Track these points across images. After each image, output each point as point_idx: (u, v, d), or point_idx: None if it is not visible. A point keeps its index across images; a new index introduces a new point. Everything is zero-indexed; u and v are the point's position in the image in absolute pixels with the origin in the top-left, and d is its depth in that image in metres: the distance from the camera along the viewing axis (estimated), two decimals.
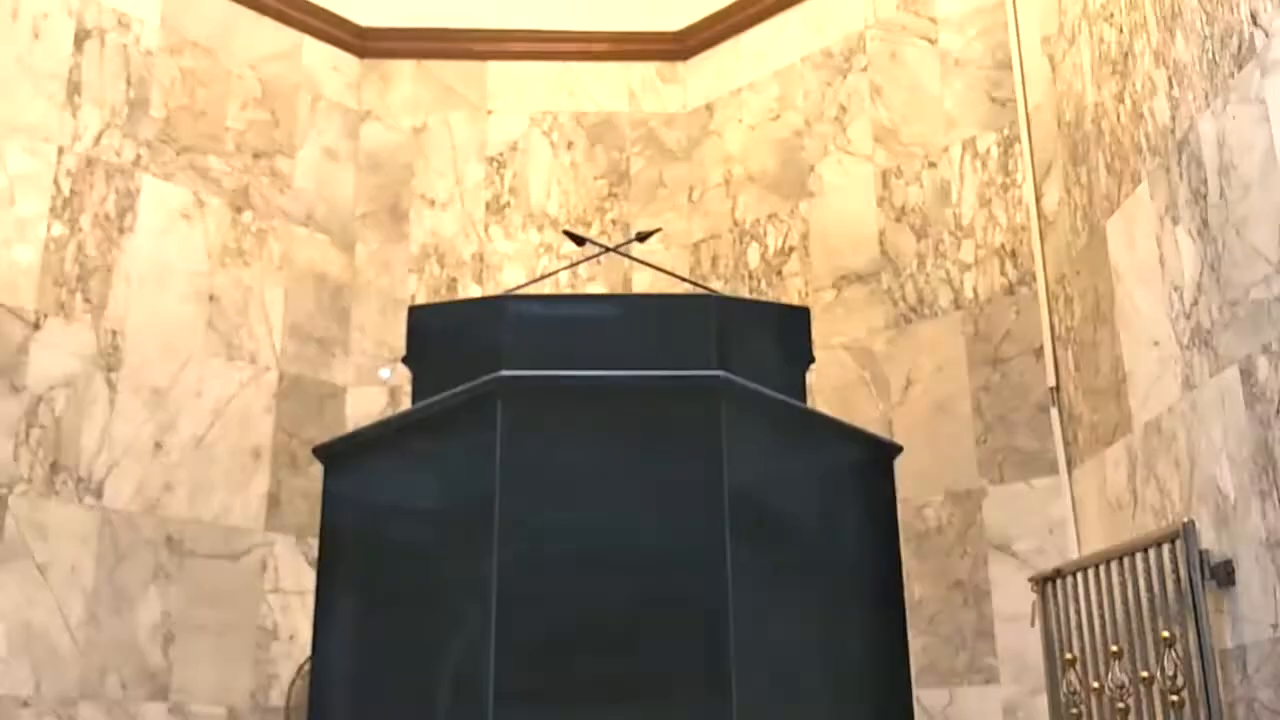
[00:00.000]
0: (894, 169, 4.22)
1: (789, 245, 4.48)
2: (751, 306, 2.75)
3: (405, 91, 4.94)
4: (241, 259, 4.35)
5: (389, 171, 4.86)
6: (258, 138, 4.51)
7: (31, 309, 3.75)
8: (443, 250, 4.77)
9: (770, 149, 4.64)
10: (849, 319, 4.22)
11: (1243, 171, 2.49)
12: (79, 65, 4.03)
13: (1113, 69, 3.18)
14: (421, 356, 2.47)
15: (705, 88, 4.96)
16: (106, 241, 3.98)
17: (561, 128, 4.95)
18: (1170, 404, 2.83)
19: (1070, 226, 3.52)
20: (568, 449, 2.08)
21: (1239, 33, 2.50)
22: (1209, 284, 2.63)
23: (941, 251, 4.02)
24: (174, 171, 4.22)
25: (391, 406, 4.54)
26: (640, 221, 4.85)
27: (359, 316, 4.67)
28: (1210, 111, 2.62)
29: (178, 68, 4.31)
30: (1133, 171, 3.05)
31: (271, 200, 4.50)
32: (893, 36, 4.33)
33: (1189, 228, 2.73)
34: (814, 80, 4.55)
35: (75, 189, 3.94)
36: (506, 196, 4.86)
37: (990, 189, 3.95)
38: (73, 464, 3.76)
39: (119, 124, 4.10)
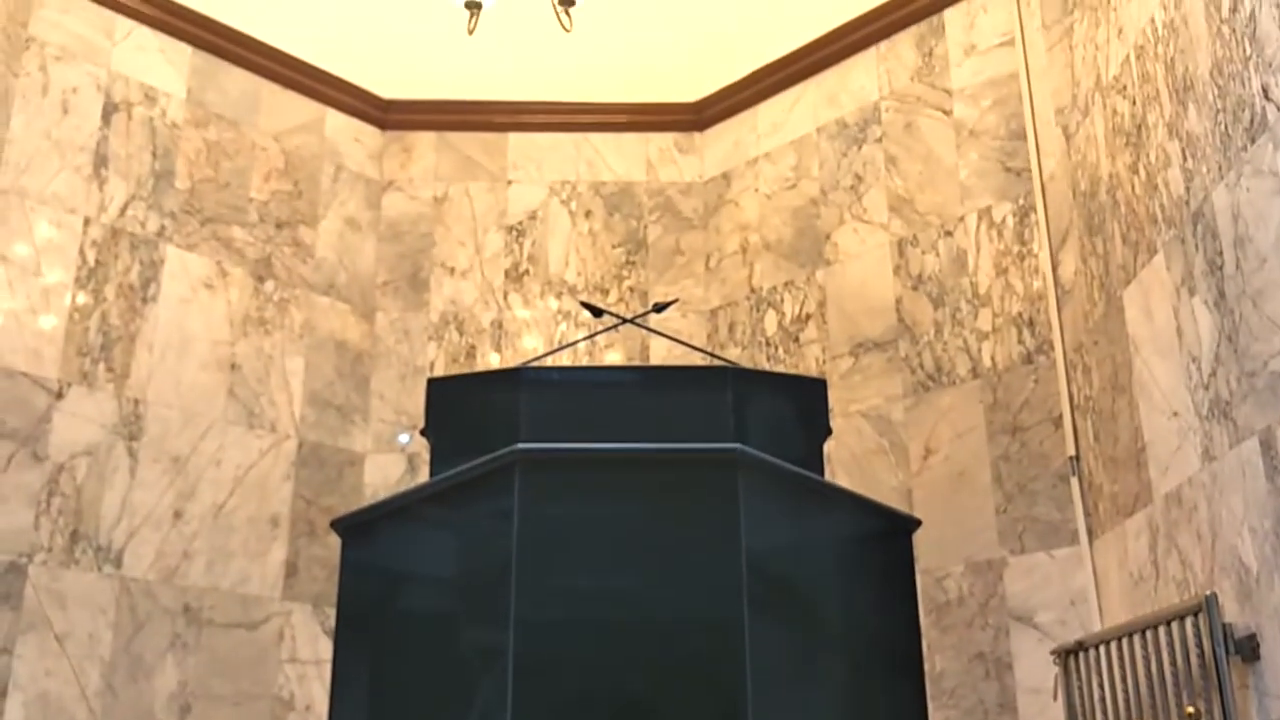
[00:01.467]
0: (910, 237, 4.25)
1: (806, 313, 4.50)
2: (769, 378, 2.77)
3: (427, 162, 5.02)
4: (263, 328, 4.40)
5: (410, 240, 4.92)
6: (281, 208, 4.58)
7: (55, 378, 3.79)
8: (462, 318, 4.81)
9: (786, 217, 4.68)
10: (867, 387, 4.22)
11: (1258, 244, 2.50)
12: (106, 138, 4.11)
13: (1126, 140, 3.20)
14: (440, 428, 2.49)
15: (722, 157, 5.02)
16: (130, 311, 4.04)
17: (580, 197, 5.01)
18: (1190, 475, 2.81)
19: (1087, 296, 3.53)
20: (585, 521, 2.09)
21: (1251, 106, 2.52)
22: (1227, 355, 2.63)
23: (959, 320, 4.03)
24: (197, 242, 4.28)
25: (410, 473, 4.55)
26: (657, 289, 4.89)
27: (378, 384, 4.70)
28: (1224, 184, 2.64)
29: (202, 140, 4.40)
30: (1148, 242, 3.06)
31: (294, 270, 4.56)
32: (907, 107, 4.38)
33: (1205, 299, 2.74)
34: (829, 150, 4.60)
35: (100, 259, 4.00)
36: (525, 265, 4.90)
37: (1006, 258, 3.97)
38: (92, 533, 3.78)
39: (144, 195, 4.17)
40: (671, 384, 2.44)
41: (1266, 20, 2.46)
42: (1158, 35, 2.99)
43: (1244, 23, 2.55)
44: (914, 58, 4.40)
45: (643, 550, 2.06)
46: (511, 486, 2.06)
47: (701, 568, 2.03)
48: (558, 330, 4.80)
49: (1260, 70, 2.48)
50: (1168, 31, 2.93)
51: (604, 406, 2.38)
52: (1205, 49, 2.73)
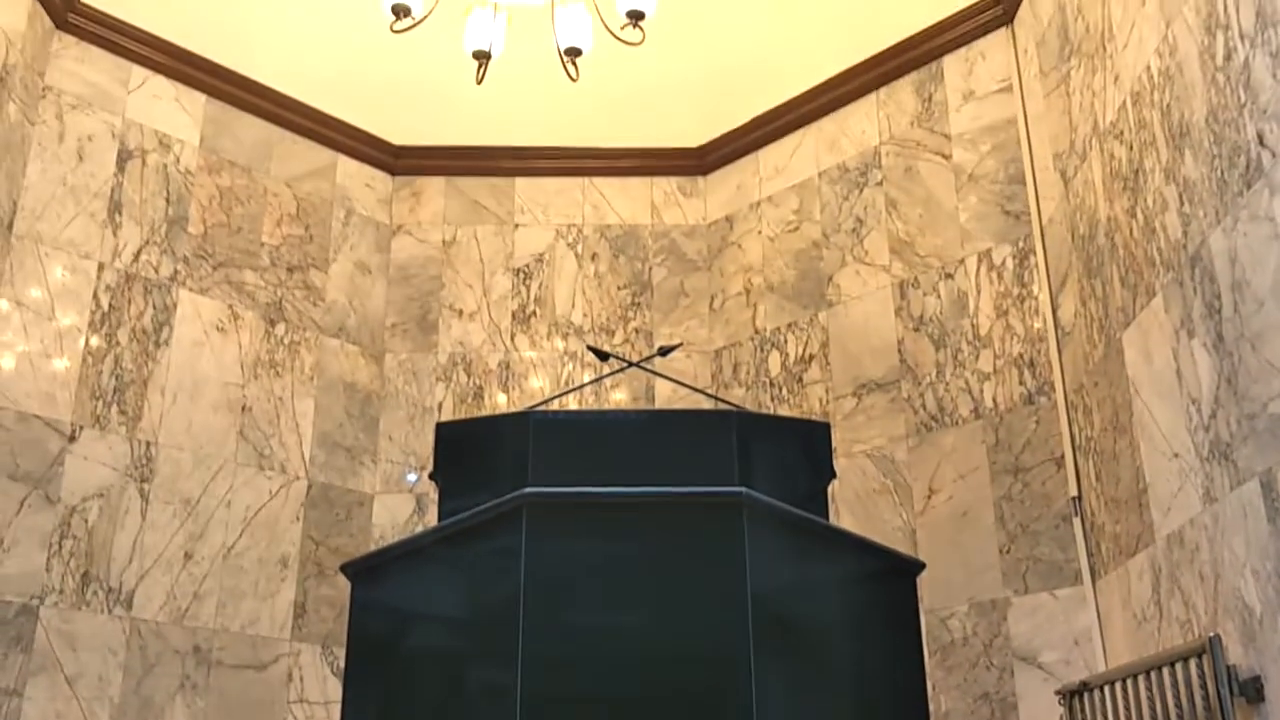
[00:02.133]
0: (911, 280, 4.30)
1: (809, 353, 4.54)
2: (773, 422, 2.80)
3: (435, 206, 5.09)
4: (274, 370, 4.45)
5: (418, 283, 4.98)
6: (292, 252, 4.64)
7: (68, 421, 3.84)
8: (470, 359, 4.86)
9: (789, 259, 4.74)
10: (870, 427, 4.26)
11: (1255, 287, 2.54)
12: (120, 185, 4.18)
13: (1124, 185, 3.25)
14: (449, 471, 2.52)
15: (725, 201, 5.09)
16: (143, 354, 4.09)
17: (586, 240, 5.07)
18: (1192, 516, 2.84)
19: (1087, 338, 3.57)
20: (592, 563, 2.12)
21: (1246, 152, 2.57)
22: (1226, 397, 2.66)
23: (960, 361, 4.07)
24: (210, 286, 4.34)
25: (418, 513, 4.58)
26: (662, 329, 4.94)
27: (387, 425, 4.74)
28: (1221, 228, 2.68)
29: (215, 186, 4.47)
30: (1147, 285, 3.10)
31: (305, 313, 4.61)
32: (907, 152, 4.44)
33: (1204, 341, 2.77)
34: (831, 194, 4.66)
35: (114, 304, 4.06)
36: (532, 306, 4.96)
37: (1007, 300, 4.01)
38: (103, 575, 3.81)
39: (158, 240, 4.23)
40: (677, 427, 2.47)
41: (1260, 68, 2.51)
42: (1153, 82, 3.05)
43: (1238, 71, 2.60)
44: (914, 103, 4.47)
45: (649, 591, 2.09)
46: (519, 529, 2.10)
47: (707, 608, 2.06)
48: (564, 371, 4.85)
49: (1255, 117, 2.53)
50: (1163, 79, 2.99)
51: (611, 449, 2.41)
52: (1200, 96, 2.79)
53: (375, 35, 3.93)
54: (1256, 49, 2.53)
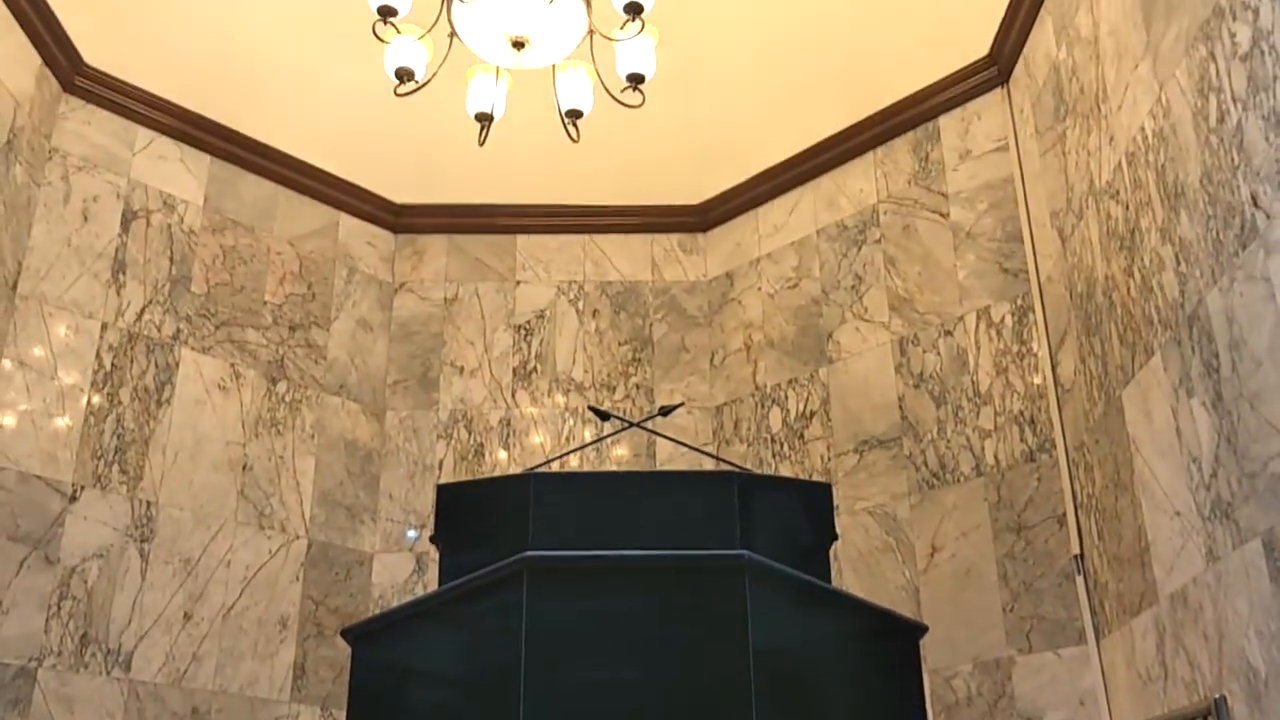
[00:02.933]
0: (910, 336, 4.31)
1: (810, 410, 4.54)
2: (774, 483, 2.80)
3: (437, 264, 5.12)
4: (275, 428, 4.45)
5: (420, 341, 5.00)
6: (294, 310, 4.67)
7: (69, 481, 3.84)
8: (471, 416, 4.87)
9: (789, 316, 4.76)
10: (872, 484, 4.25)
11: (1253, 347, 2.56)
12: (125, 245, 4.21)
13: (1121, 244, 3.28)
14: (450, 534, 2.52)
15: (725, 257, 5.12)
16: (145, 414, 4.10)
17: (587, 296, 5.10)
18: (1194, 575, 2.83)
19: (1087, 395, 3.57)
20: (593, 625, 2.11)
21: (1241, 213, 2.60)
22: (1226, 456, 2.67)
23: (961, 418, 4.07)
24: (212, 345, 4.36)
25: (418, 573, 4.56)
26: (663, 385, 4.95)
27: (387, 483, 4.73)
28: (1218, 288, 2.70)
29: (219, 245, 4.50)
30: (1145, 343, 3.12)
31: (306, 371, 4.63)
32: (905, 210, 4.48)
33: (1203, 400, 2.78)
34: (830, 251, 4.69)
35: (116, 363, 4.07)
36: (533, 363, 4.97)
37: (1006, 357, 4.02)
38: (102, 636, 3.79)
39: (161, 300, 4.26)
40: (678, 488, 2.47)
41: (1253, 130, 2.54)
42: (1148, 143, 3.08)
43: (1231, 133, 2.64)
44: (910, 162, 4.51)
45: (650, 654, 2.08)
46: (520, 592, 2.09)
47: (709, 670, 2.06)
48: (565, 427, 4.85)
49: (1249, 179, 2.56)
50: (1158, 140, 3.02)
51: (612, 511, 2.41)
52: (1195, 157, 2.82)
53: (377, 95, 3.98)
54: (1249, 112, 2.56)
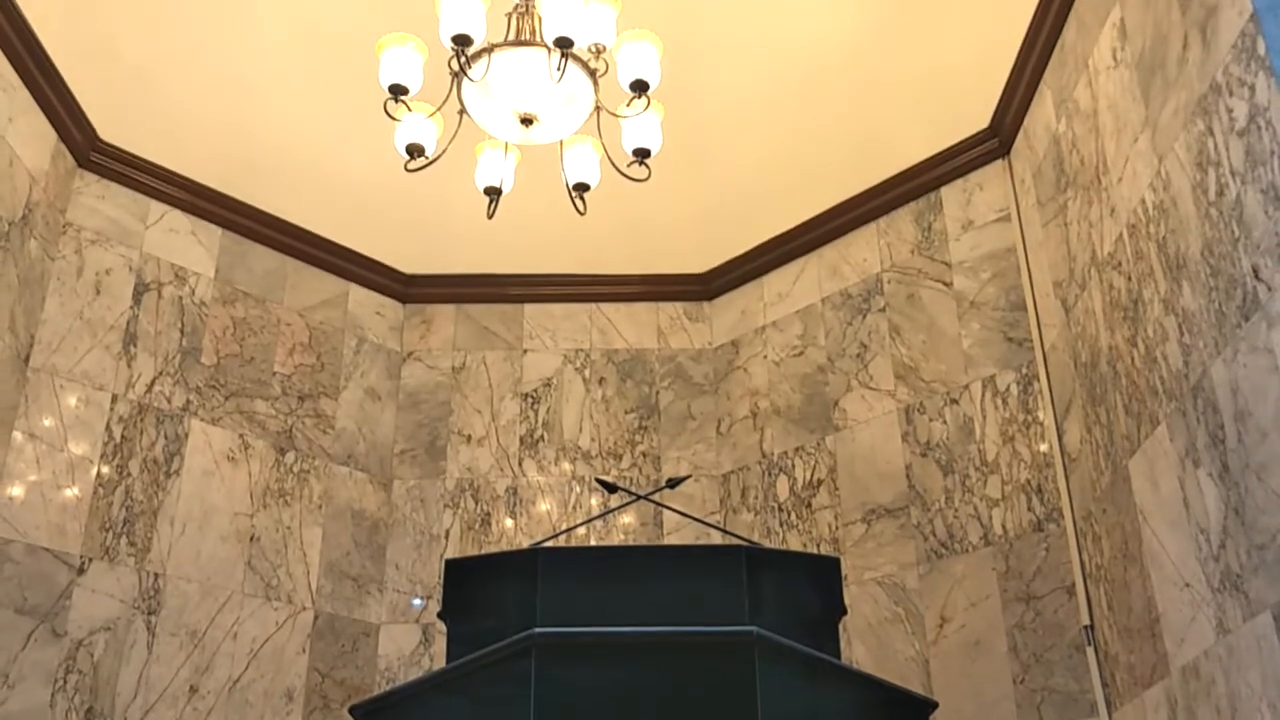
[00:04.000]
0: (916, 405, 4.33)
1: (817, 478, 4.54)
2: (782, 558, 2.80)
3: (445, 333, 5.16)
4: (283, 499, 4.46)
5: (428, 410, 5.02)
6: (303, 381, 4.70)
7: (77, 554, 3.84)
8: (478, 485, 4.87)
9: (795, 384, 4.78)
10: (880, 554, 4.24)
11: (1258, 418, 2.57)
12: (136, 317, 4.25)
13: (1124, 315, 3.30)
14: (458, 610, 2.52)
15: (730, 326, 5.15)
16: (154, 485, 4.11)
17: (593, 364, 5.13)
18: (1206, 648, 2.81)
19: (1093, 465, 3.58)
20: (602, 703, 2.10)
21: (1243, 285, 2.62)
22: (1234, 528, 2.67)
23: (968, 487, 4.07)
24: (221, 416, 4.38)
25: (424, 645, 4.54)
26: (670, 453, 4.95)
27: (394, 553, 4.73)
28: (1221, 359, 2.72)
29: (229, 317, 4.54)
30: (1150, 414, 3.13)
31: (314, 441, 4.64)
32: (909, 279, 4.51)
33: (1210, 471, 2.79)
34: (835, 319, 4.72)
35: (126, 435, 4.09)
36: (540, 431, 4.99)
37: (1012, 426, 4.03)
38: (108, 710, 3.77)
39: (171, 371, 4.29)
40: (686, 563, 2.48)
41: (1252, 204, 2.58)
42: (1149, 215, 3.12)
43: (1230, 206, 2.67)
44: (914, 232, 4.55)
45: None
46: (529, 670, 2.09)
47: None
48: (572, 495, 4.85)
49: (1249, 251, 2.59)
50: (1158, 212, 3.06)
51: (620, 586, 2.41)
52: (1195, 229, 2.85)
53: (387, 168, 4.04)
54: (1247, 185, 2.60)
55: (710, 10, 4.33)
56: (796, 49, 4.38)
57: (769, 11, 4.31)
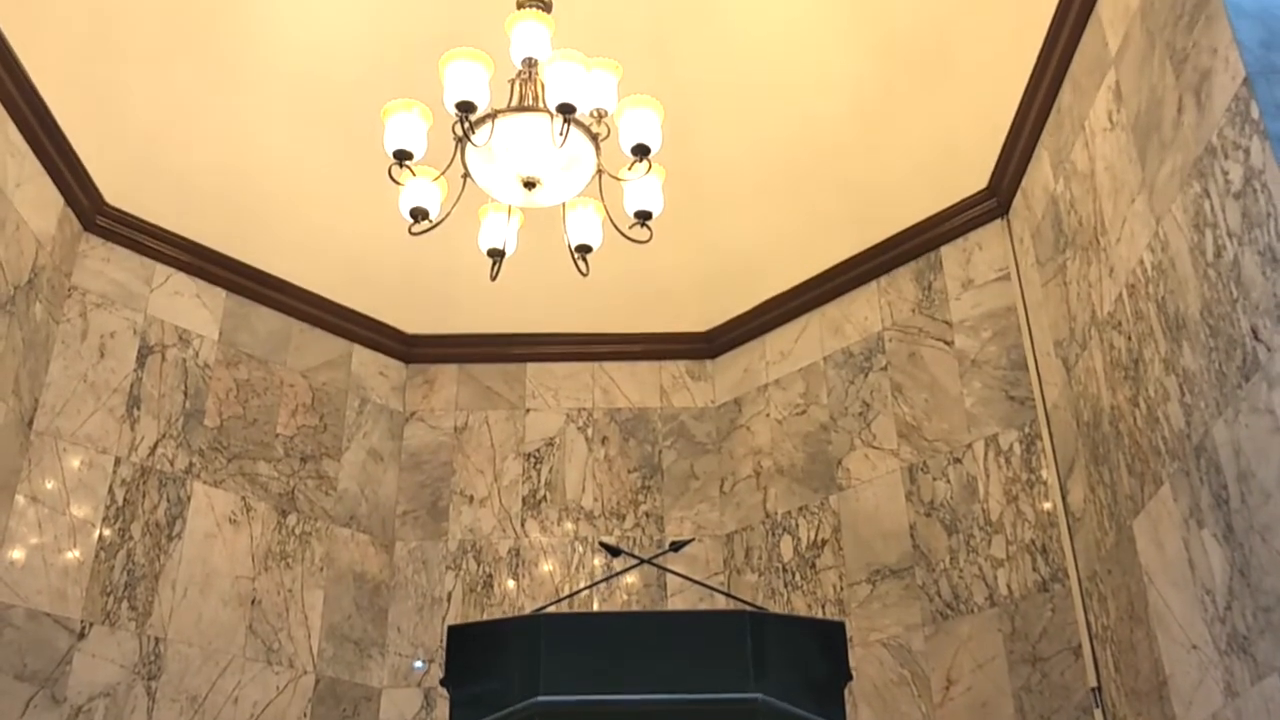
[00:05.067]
0: (920, 464, 4.32)
1: (821, 538, 4.53)
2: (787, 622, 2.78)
3: (448, 393, 5.16)
4: (284, 561, 4.44)
5: (430, 470, 5.01)
6: (306, 442, 4.70)
7: (78, 619, 3.82)
8: (480, 546, 4.85)
9: (798, 442, 4.77)
10: (885, 615, 4.21)
11: (1261, 479, 2.56)
12: (140, 380, 4.26)
13: (1125, 374, 3.31)
14: (460, 676, 2.50)
15: (733, 384, 5.16)
16: (155, 549, 4.09)
17: (596, 423, 5.12)
18: (1214, 710, 2.79)
19: (1098, 524, 3.57)
20: None
21: (1242, 346, 2.63)
22: (1240, 589, 2.65)
23: (973, 547, 4.05)
24: (224, 478, 4.38)
25: (425, 709, 4.49)
26: (674, 513, 4.93)
27: (396, 616, 4.70)
28: (1223, 419, 2.72)
29: (233, 379, 4.55)
30: (1154, 474, 3.12)
31: (316, 502, 4.64)
32: (910, 338, 4.53)
33: (1214, 532, 2.78)
34: (837, 378, 4.72)
35: (128, 498, 4.08)
36: (543, 491, 4.97)
37: (1016, 485, 4.02)
38: None
39: (174, 434, 4.29)
40: (690, 629, 2.46)
41: (1250, 265, 2.60)
42: (1147, 275, 3.14)
43: (1228, 267, 2.69)
44: (914, 291, 4.57)
45: None
46: None
47: None
48: (575, 556, 4.83)
49: (1248, 312, 2.60)
50: (1156, 272, 3.08)
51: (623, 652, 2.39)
52: (1194, 290, 2.87)
53: (391, 230, 4.07)
54: (1245, 247, 2.62)
55: (712, 73, 4.40)
56: (797, 110, 4.44)
57: (770, 75, 4.37)
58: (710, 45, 4.36)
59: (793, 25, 4.24)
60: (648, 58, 4.13)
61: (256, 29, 4.14)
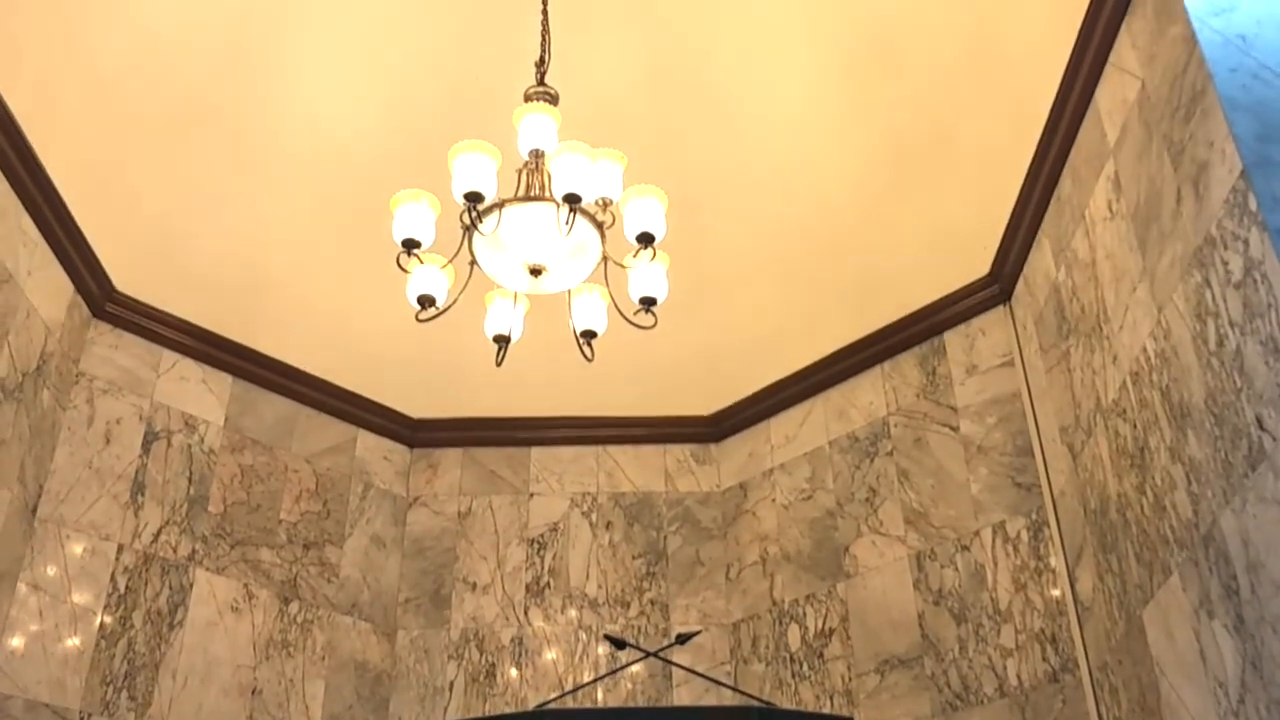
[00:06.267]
0: (927, 551, 4.28)
1: (829, 627, 4.47)
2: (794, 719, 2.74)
3: (452, 477, 5.15)
4: (286, 650, 4.39)
5: (433, 556, 4.98)
6: (309, 528, 4.67)
7: (77, 709, 3.77)
8: (482, 634, 4.79)
9: (804, 528, 4.74)
10: (895, 706, 4.14)
11: (1271, 570, 2.54)
12: (145, 466, 4.26)
13: (1131, 462, 3.30)
14: None
15: (738, 468, 5.14)
16: (156, 638, 4.05)
17: (600, 508, 5.10)
18: None
19: (1107, 614, 3.53)
20: None
21: (1248, 435, 2.62)
22: (1253, 682, 2.62)
23: (982, 636, 4.00)
24: (227, 565, 4.35)
25: None
26: (679, 601, 4.88)
27: (397, 706, 4.63)
28: (1230, 509, 2.71)
29: (237, 465, 4.55)
30: (1162, 563, 3.10)
31: (319, 590, 4.60)
32: (915, 423, 4.52)
33: (1225, 623, 2.75)
34: (843, 463, 4.71)
35: (130, 585, 4.06)
36: (546, 578, 4.93)
37: (1024, 573, 3.98)
38: None
39: (178, 520, 4.27)
40: None
41: (1252, 355, 2.60)
42: (1151, 363, 3.14)
43: (1231, 356, 2.69)
44: (918, 376, 4.58)
45: None
46: None
47: None
48: (579, 645, 4.77)
49: (1252, 401, 2.60)
50: (1160, 360, 3.08)
51: None
52: (1198, 378, 2.87)
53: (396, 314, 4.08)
54: (1247, 336, 2.63)
55: (716, 161, 4.46)
56: (800, 198, 4.49)
57: (773, 163, 4.43)
58: (715, 134, 4.43)
59: (796, 115, 4.32)
60: (653, 146, 4.20)
61: (267, 118, 4.22)
